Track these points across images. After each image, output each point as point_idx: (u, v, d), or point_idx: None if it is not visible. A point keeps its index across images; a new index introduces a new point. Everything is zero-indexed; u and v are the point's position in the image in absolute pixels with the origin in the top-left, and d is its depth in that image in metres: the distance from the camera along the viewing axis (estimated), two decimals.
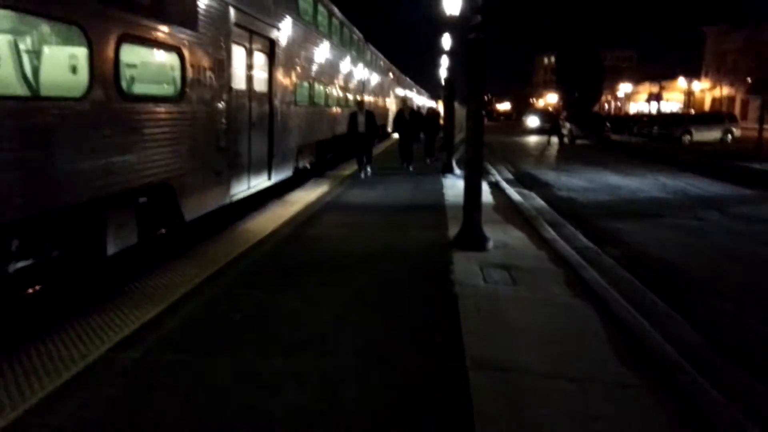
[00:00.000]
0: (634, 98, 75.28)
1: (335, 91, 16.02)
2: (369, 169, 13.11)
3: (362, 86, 21.65)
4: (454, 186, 11.74)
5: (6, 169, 3.80)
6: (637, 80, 74.22)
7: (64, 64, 4.63)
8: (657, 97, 63.35)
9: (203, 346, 3.73)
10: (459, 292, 4.86)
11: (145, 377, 3.28)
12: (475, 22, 6.13)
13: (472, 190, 6.41)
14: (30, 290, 4.55)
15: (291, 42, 10.57)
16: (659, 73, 67.28)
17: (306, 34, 11.96)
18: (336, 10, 15.58)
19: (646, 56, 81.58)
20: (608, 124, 32.12)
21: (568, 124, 31.25)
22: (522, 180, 13.78)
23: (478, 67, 6.26)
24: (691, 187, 13.22)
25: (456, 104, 16.09)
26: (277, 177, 10.08)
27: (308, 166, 12.55)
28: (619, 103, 77.14)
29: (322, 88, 14.02)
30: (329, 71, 14.73)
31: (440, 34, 24.43)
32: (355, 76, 19.65)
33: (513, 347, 3.76)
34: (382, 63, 29.51)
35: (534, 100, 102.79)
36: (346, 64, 17.50)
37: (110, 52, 4.79)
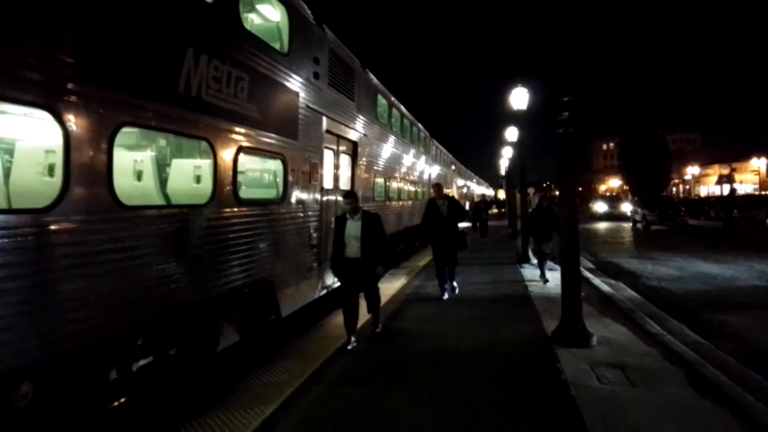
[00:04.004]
0: (703, 180, 72.90)
1: (406, 186, 16.54)
2: (378, 327, 6.67)
3: (429, 179, 22.25)
4: (534, 276, 11.47)
5: (139, 272, 4.10)
6: (704, 162, 72.24)
7: (195, 174, 5.10)
8: (728, 179, 61.04)
9: None
10: (575, 394, 4.60)
11: None
12: (563, 117, 6.29)
13: (570, 282, 6.24)
14: (151, 387, 4.69)
15: (370, 143, 11.18)
16: (728, 154, 65.37)
17: (382, 134, 12.64)
18: (405, 110, 16.46)
19: (710, 137, 79.82)
20: (684, 209, 30.94)
21: (640, 210, 30.37)
22: (605, 269, 13.28)
23: (568, 158, 6.34)
24: None
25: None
26: None
27: None
28: (687, 186, 74.83)
29: (394, 183, 14.53)
30: (400, 167, 15.31)
31: (502, 126, 25.12)
32: (422, 170, 20.27)
33: None
34: (445, 156, 30.42)
35: (595, 185, 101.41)
36: (414, 160, 18.15)
37: (230, 161, 5.24)
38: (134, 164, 4.71)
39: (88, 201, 3.49)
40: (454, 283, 9.32)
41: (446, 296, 8.99)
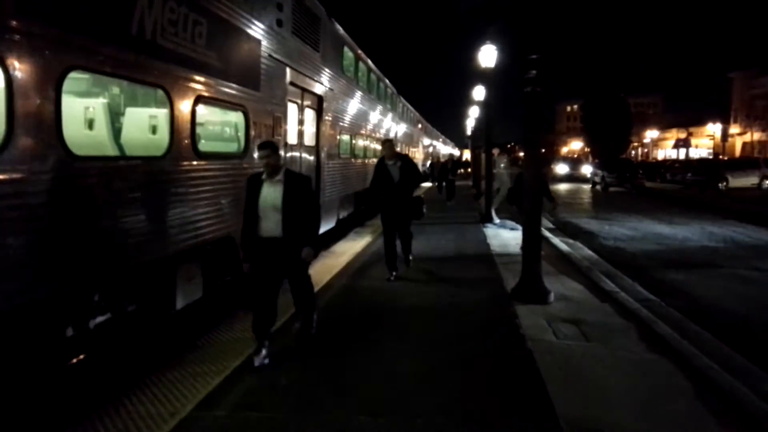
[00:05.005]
0: (661, 144, 75.03)
1: (372, 144, 16.37)
2: (313, 328, 4.88)
3: (394, 137, 22.08)
4: (496, 236, 11.69)
5: (93, 226, 3.92)
6: (664, 126, 74.16)
7: (151, 124, 4.86)
8: (685, 143, 63.05)
9: (287, 404, 3.68)
10: (532, 347, 4.76)
11: None
12: (530, 75, 6.25)
13: (531, 241, 6.37)
14: (110, 345, 4.60)
15: (336, 97, 10.92)
16: (686, 119, 67.23)
17: (348, 89, 12.36)
18: (372, 65, 16.10)
19: (671, 102, 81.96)
20: (641, 171, 31.89)
21: (599, 172, 31.14)
22: (564, 229, 13.62)
23: (535, 118, 6.35)
24: (739, 235, 12.86)
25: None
26: (323, 228, 10.20)
27: (347, 216, 12.67)
28: (646, 149, 76.91)
29: (360, 140, 14.35)
30: (366, 124, 15.10)
31: (469, 85, 24.97)
32: (389, 128, 20.07)
33: (605, 408, 3.63)
34: (411, 114, 30.18)
35: (557, 147, 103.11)
36: (381, 117, 17.93)
37: (188, 112, 5.01)
38: (85, 112, 4.45)
39: (35, 149, 3.27)
40: (410, 257, 7.88)
41: (393, 276, 7.48)
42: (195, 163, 5.17)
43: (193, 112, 5.07)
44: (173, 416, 3.45)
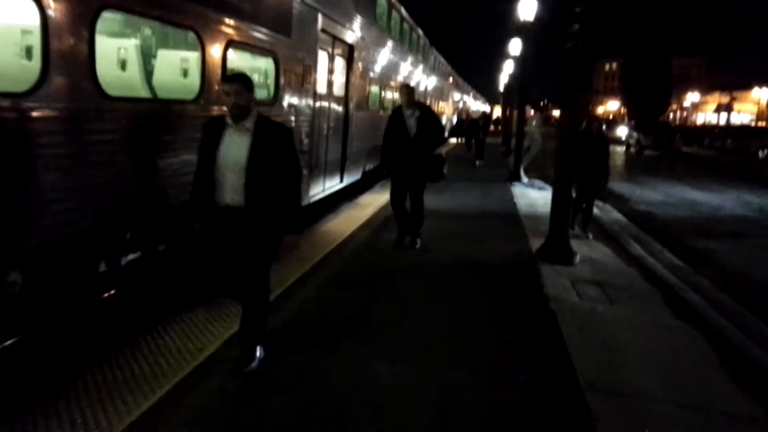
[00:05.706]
0: (702, 108, 72.11)
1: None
2: (254, 361, 3.42)
3: (425, 90, 21.64)
4: (524, 195, 11.54)
5: (126, 165, 3.99)
6: (706, 88, 71.01)
7: (182, 67, 4.84)
8: (727, 108, 60.47)
9: (310, 348, 3.78)
10: (555, 308, 4.74)
11: (259, 375, 3.36)
12: (572, 30, 5.97)
13: (560, 202, 6.26)
14: (139, 283, 4.76)
15: (367, 47, 10.68)
16: (730, 82, 64.11)
17: (380, 39, 12.06)
18: (405, 13, 15.61)
19: (716, 64, 77.77)
20: (679, 135, 30.81)
21: (635, 134, 30.19)
22: None
23: (574, 75, 6.11)
24: None
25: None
26: (348, 179, 10.22)
27: (373, 169, 12.61)
28: (685, 113, 74.07)
29: (389, 92, 14.10)
30: (396, 75, 14.79)
31: (506, 38, 24.08)
32: (419, 80, 19.65)
33: (626, 371, 3.62)
34: (443, 67, 29.45)
35: (593, 107, 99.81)
36: (412, 69, 17.52)
37: (219, 56, 4.96)
38: (119, 53, 4.44)
39: (70, 87, 3.30)
40: (417, 241, 6.52)
41: (418, 245, 6.52)
42: (225, 108, 5.14)
43: (224, 57, 5.02)
44: (201, 352, 3.58)
